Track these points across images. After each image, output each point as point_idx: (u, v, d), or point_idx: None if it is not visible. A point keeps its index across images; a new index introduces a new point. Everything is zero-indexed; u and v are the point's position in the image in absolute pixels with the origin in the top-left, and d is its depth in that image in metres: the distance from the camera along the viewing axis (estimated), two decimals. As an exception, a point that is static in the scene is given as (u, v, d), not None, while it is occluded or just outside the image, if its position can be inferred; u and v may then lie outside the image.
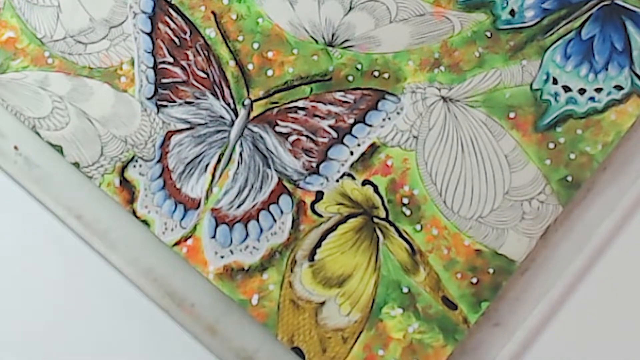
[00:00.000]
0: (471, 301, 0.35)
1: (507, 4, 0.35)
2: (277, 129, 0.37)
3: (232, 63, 0.37)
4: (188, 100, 0.38)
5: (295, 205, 0.36)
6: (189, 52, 0.37)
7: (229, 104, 0.37)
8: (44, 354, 0.38)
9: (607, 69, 0.35)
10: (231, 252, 0.36)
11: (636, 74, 0.34)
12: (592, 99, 0.35)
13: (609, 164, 0.35)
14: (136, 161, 0.38)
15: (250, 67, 0.37)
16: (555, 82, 0.35)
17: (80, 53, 0.38)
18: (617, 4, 0.35)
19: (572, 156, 0.35)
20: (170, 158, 0.38)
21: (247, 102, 0.37)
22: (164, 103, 0.38)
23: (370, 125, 0.36)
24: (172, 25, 0.38)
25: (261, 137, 0.37)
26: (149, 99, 0.38)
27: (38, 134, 0.38)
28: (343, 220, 0.36)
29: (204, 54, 0.37)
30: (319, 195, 0.36)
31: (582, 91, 0.35)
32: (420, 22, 0.36)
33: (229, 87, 0.37)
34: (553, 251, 0.35)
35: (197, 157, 0.37)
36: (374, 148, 0.36)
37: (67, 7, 0.38)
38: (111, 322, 0.37)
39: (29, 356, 0.38)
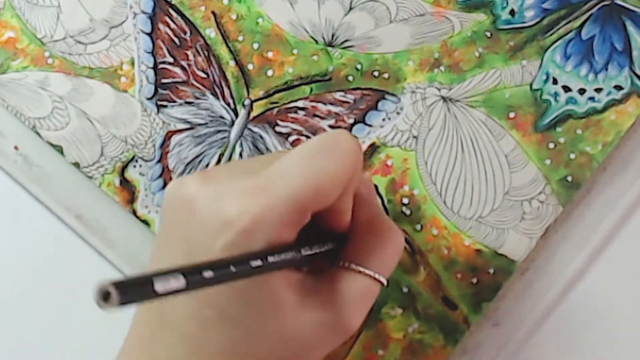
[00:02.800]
0: (471, 301, 0.35)
1: (507, 4, 0.35)
2: (277, 129, 0.37)
3: (232, 63, 0.37)
4: (188, 100, 0.38)
5: (295, 205, 0.36)
6: (189, 52, 0.37)
7: (229, 104, 0.37)
8: (44, 354, 0.38)
9: (607, 69, 0.35)
10: (231, 252, 0.36)
11: (636, 74, 0.34)
12: (592, 99, 0.35)
13: (608, 164, 0.35)
14: (136, 161, 0.38)
15: (250, 67, 0.37)
16: (555, 82, 0.35)
17: (81, 53, 0.38)
18: (617, 4, 0.35)
19: (572, 156, 0.35)
20: (171, 158, 0.38)
21: (247, 102, 0.37)
22: (164, 103, 0.38)
23: (370, 125, 0.36)
24: (172, 25, 0.38)
25: (261, 137, 0.37)
26: (149, 99, 0.38)
27: (38, 134, 0.38)
28: (343, 220, 0.36)
29: (204, 54, 0.37)
30: (319, 195, 0.36)
31: (582, 91, 0.35)
32: (420, 22, 0.36)
33: (229, 87, 0.37)
34: (553, 251, 0.35)
35: (197, 157, 0.37)
36: (373, 148, 0.36)
37: (67, 7, 0.38)
38: (111, 322, 0.37)
39: (29, 358, 0.38)
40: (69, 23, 0.38)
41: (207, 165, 0.37)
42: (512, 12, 0.35)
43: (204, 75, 0.37)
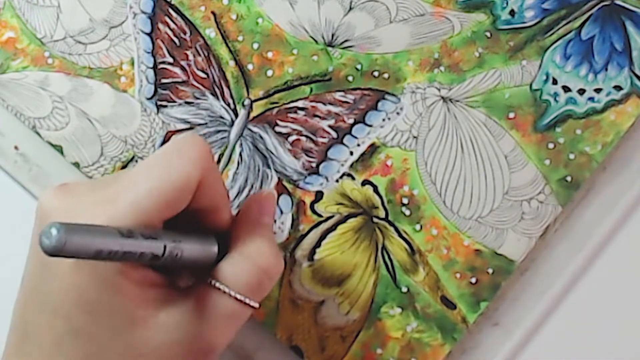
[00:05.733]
0: (470, 301, 0.35)
1: (507, 4, 0.35)
2: (277, 129, 0.37)
3: (232, 63, 0.37)
4: (188, 100, 0.38)
5: (295, 205, 0.36)
6: (188, 52, 0.37)
7: (228, 104, 0.37)
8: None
9: (606, 69, 0.35)
10: (231, 251, 0.36)
11: (636, 75, 0.34)
12: (591, 99, 0.35)
13: (608, 164, 0.35)
14: (136, 161, 0.38)
15: (250, 67, 0.37)
16: (554, 82, 0.35)
17: (80, 53, 0.38)
18: (617, 4, 0.35)
19: (572, 156, 0.35)
20: (170, 158, 0.38)
21: (247, 102, 0.37)
22: (164, 103, 0.38)
23: (370, 126, 0.36)
24: (172, 25, 0.38)
25: (261, 137, 0.37)
26: (149, 99, 0.38)
27: (38, 134, 0.38)
28: (343, 220, 0.36)
29: (204, 54, 0.37)
30: (319, 195, 0.36)
31: (581, 91, 0.35)
32: (420, 22, 0.36)
33: (228, 87, 0.37)
34: (552, 251, 0.35)
35: (197, 157, 0.37)
36: (373, 148, 0.36)
37: (67, 7, 0.38)
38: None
39: None
40: (69, 23, 0.38)
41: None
42: (512, 13, 0.35)
43: (203, 75, 0.37)
